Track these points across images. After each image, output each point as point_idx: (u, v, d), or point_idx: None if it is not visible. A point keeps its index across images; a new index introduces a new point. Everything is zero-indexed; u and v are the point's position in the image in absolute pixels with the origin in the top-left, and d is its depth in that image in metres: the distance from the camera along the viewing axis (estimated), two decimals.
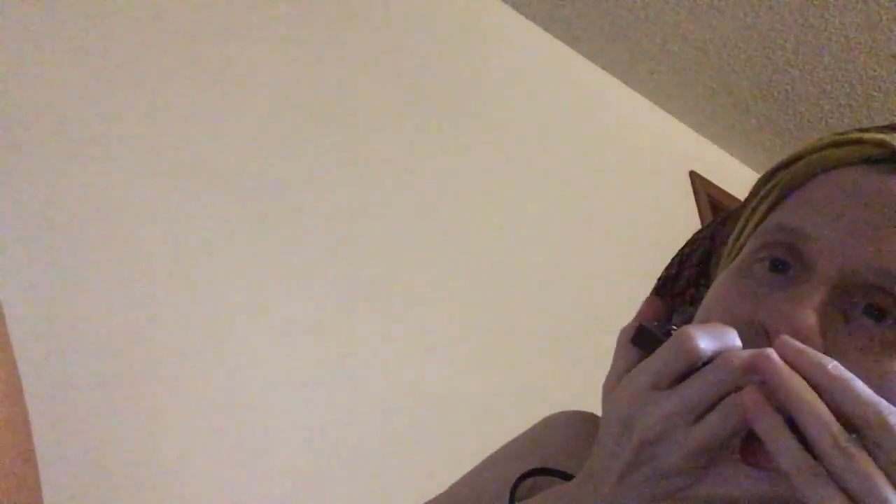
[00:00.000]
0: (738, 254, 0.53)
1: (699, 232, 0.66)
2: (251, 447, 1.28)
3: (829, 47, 2.06)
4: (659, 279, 0.65)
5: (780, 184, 0.52)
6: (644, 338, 0.48)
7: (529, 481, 0.58)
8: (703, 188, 2.32)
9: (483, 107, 1.93)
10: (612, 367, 0.49)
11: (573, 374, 1.53)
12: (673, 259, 0.66)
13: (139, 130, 1.36)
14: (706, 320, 0.48)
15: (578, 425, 0.65)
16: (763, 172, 0.58)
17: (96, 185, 1.29)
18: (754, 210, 0.54)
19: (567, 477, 0.57)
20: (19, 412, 0.51)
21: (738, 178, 2.48)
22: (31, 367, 0.87)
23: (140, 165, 1.34)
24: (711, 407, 0.40)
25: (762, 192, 0.54)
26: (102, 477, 1.13)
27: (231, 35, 1.55)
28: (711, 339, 0.41)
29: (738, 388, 0.40)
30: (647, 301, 0.52)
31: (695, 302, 0.61)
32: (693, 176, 2.34)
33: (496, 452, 0.69)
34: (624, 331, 0.50)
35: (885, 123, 0.53)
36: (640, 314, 0.51)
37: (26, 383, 0.56)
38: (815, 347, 0.42)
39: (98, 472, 1.13)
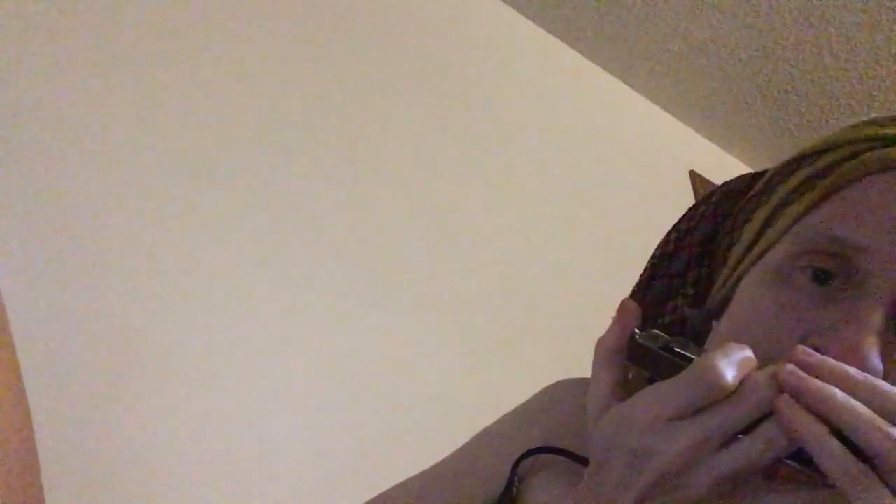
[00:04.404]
0: (766, 248, 0.49)
1: (695, 207, 0.61)
2: (252, 447, 1.28)
3: (829, 47, 2.06)
4: (652, 257, 0.61)
5: (818, 178, 0.49)
6: (640, 354, 0.45)
7: (530, 458, 0.57)
8: (703, 188, 2.32)
9: (483, 107, 1.93)
10: (597, 383, 0.46)
11: (574, 374, 1.53)
12: (668, 236, 0.61)
13: (141, 128, 1.36)
14: (742, 332, 0.46)
15: (583, 396, 0.64)
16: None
17: (98, 185, 1.29)
18: (785, 203, 0.50)
19: (570, 455, 0.56)
20: (21, 412, 0.51)
21: None
22: (31, 367, 0.87)
23: (142, 164, 1.34)
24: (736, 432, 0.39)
25: (791, 183, 0.50)
26: (102, 477, 1.13)
27: (232, 34, 1.55)
28: (736, 369, 0.39)
29: (767, 413, 0.38)
30: (623, 308, 0.48)
31: (697, 284, 0.58)
32: (693, 176, 2.33)
33: (496, 423, 0.66)
34: (602, 342, 0.47)
35: None
36: (619, 324, 0.47)
37: (27, 383, 0.56)
38: (876, 374, 0.40)
39: (98, 472, 1.13)
